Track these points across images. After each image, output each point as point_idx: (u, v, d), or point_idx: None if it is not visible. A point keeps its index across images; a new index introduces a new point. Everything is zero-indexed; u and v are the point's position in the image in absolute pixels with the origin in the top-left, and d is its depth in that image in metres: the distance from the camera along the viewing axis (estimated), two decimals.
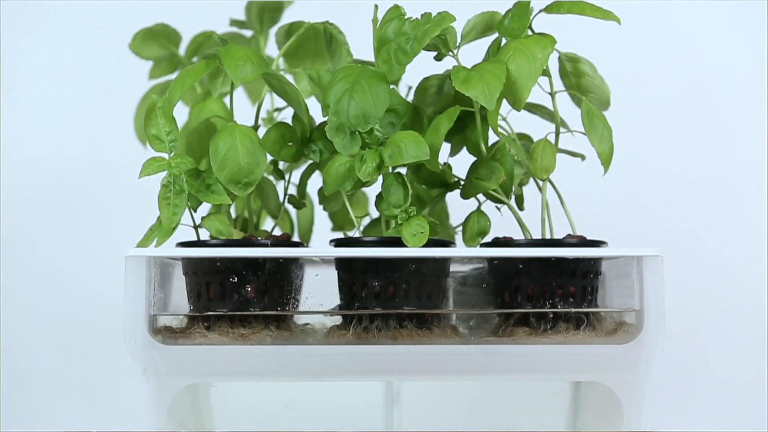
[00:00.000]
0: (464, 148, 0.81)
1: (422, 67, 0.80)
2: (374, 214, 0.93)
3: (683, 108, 1.16)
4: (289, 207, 0.90)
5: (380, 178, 0.75)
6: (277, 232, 0.85)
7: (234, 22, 0.95)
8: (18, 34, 1.17)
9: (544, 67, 0.75)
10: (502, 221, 0.82)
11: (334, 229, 0.92)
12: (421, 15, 0.74)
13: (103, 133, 1.16)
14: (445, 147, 0.80)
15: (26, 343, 1.13)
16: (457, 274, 0.86)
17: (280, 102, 0.93)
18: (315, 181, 0.85)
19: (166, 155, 0.74)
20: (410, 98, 0.82)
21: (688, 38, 1.17)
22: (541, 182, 0.79)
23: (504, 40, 0.77)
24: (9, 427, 1.12)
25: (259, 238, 0.76)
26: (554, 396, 0.88)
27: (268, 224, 0.93)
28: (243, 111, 0.86)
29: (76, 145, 1.17)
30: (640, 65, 1.17)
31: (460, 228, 0.81)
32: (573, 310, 0.74)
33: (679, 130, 1.15)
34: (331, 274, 0.76)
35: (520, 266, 0.74)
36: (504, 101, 0.75)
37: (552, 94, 0.80)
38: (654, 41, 1.17)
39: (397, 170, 0.75)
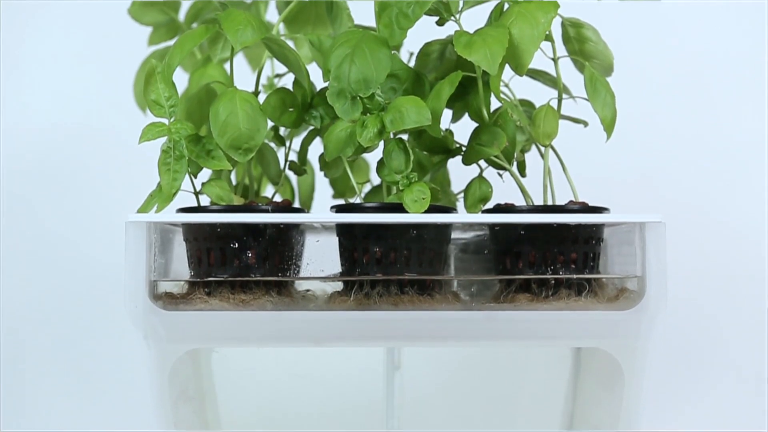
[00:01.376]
0: (466, 114, 0.80)
1: (424, 32, 0.79)
2: (375, 181, 0.93)
3: (687, 74, 1.15)
4: (290, 174, 0.90)
5: (381, 144, 0.75)
6: (278, 198, 0.85)
7: None
8: (17, 2, 1.17)
9: (547, 32, 0.74)
10: (503, 188, 0.82)
11: (335, 196, 0.92)
12: None
13: (102, 100, 1.16)
14: (447, 113, 0.80)
15: (26, 311, 1.13)
16: (458, 240, 0.86)
17: (280, 68, 0.93)
18: (316, 148, 0.84)
19: (165, 120, 0.74)
20: (412, 64, 0.81)
21: (694, 4, 1.16)
22: (543, 148, 0.78)
23: (507, 5, 0.76)
24: (7, 393, 1.13)
25: (260, 205, 0.76)
26: (555, 362, 0.88)
27: (268, 191, 0.93)
28: (243, 78, 0.85)
29: (75, 113, 1.16)
30: (644, 31, 1.16)
31: (462, 195, 0.80)
32: (575, 276, 0.74)
33: (682, 96, 1.15)
34: (332, 241, 0.76)
35: (522, 232, 0.74)
36: (506, 67, 0.75)
37: (555, 60, 0.79)
38: (659, 7, 1.16)
39: (399, 136, 0.75)
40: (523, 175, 0.81)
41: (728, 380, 1.12)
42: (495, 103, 0.78)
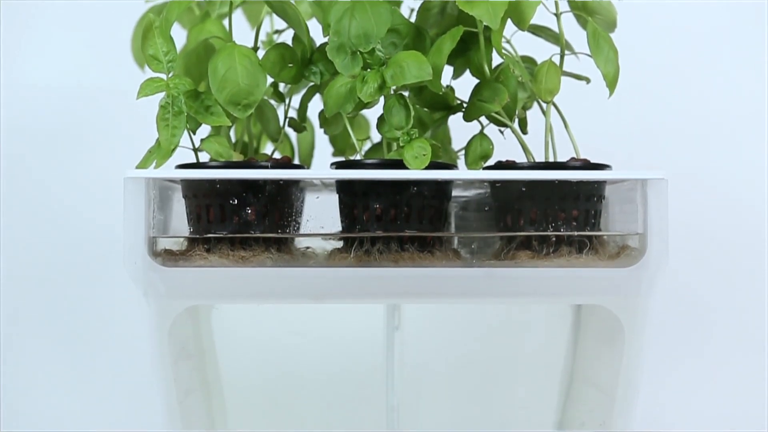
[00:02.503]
0: (467, 71, 0.80)
1: None
2: (375, 138, 0.92)
3: (692, 30, 1.14)
4: (290, 131, 0.89)
5: (381, 101, 0.74)
6: (278, 156, 0.85)
7: None
8: None
9: None
10: (504, 145, 0.81)
11: (335, 154, 0.91)
12: None
13: (100, 57, 1.14)
14: (448, 70, 0.79)
15: (25, 269, 1.12)
16: (459, 199, 0.86)
17: (279, 24, 0.92)
18: (315, 105, 0.84)
19: (164, 76, 0.73)
20: (413, 20, 0.80)
21: None
22: (544, 105, 0.78)
23: None
24: (6, 354, 1.13)
25: (260, 161, 0.76)
26: (555, 320, 0.88)
27: (268, 149, 0.92)
28: (242, 35, 0.84)
29: (73, 70, 1.15)
30: None
31: (463, 152, 0.80)
32: (576, 233, 0.73)
33: (686, 52, 1.13)
34: (332, 198, 0.76)
35: (523, 189, 0.73)
36: (508, 22, 0.74)
37: (557, 15, 0.78)
38: None
39: (399, 92, 0.74)
40: (524, 132, 0.80)
41: (728, 338, 1.12)
42: (496, 60, 0.78)
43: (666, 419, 1.11)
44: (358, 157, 0.79)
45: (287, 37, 0.84)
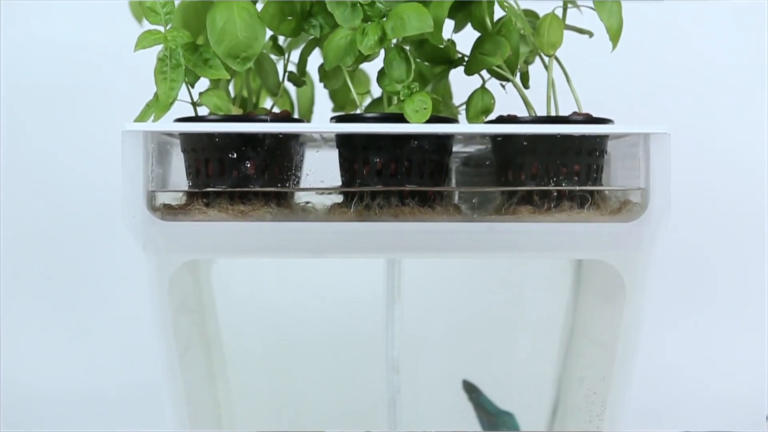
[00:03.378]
0: (468, 25, 0.79)
1: None
2: (376, 93, 0.91)
3: None
4: (289, 86, 0.88)
5: (382, 54, 0.74)
6: (277, 111, 0.84)
7: None
8: None
9: None
10: (506, 100, 0.80)
11: (335, 109, 0.90)
12: None
13: (97, 11, 1.13)
14: (449, 24, 0.78)
15: (25, 224, 1.12)
16: (460, 154, 0.85)
17: None
18: (315, 60, 0.83)
19: (161, 28, 0.73)
20: None
21: None
22: (547, 59, 0.77)
23: None
24: (6, 310, 1.13)
25: (259, 115, 0.75)
26: (556, 276, 0.87)
27: (267, 105, 0.92)
28: None
29: (70, 26, 1.14)
30: None
31: (464, 107, 0.79)
32: (577, 188, 0.73)
33: (690, 7, 1.12)
34: (332, 153, 0.75)
35: (524, 144, 0.73)
36: None
37: None
38: None
39: (400, 45, 0.73)
40: (526, 86, 0.79)
41: (729, 294, 1.12)
42: (498, 13, 0.77)
43: (665, 375, 1.11)
44: (358, 112, 0.78)
45: None
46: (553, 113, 0.76)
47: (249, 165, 0.71)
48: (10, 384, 1.12)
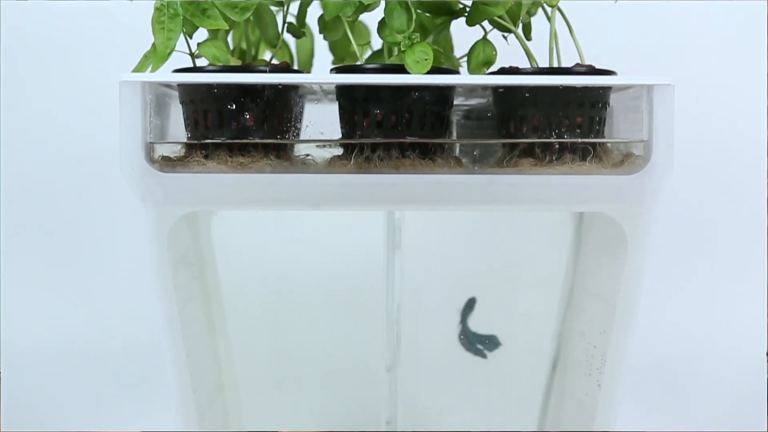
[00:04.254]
0: None
1: None
2: (376, 46, 0.90)
3: None
4: (289, 38, 0.87)
5: (382, 5, 0.72)
6: (276, 63, 0.83)
7: None
8: None
9: None
10: (508, 52, 0.79)
11: (335, 62, 0.89)
12: None
13: None
14: None
15: (23, 178, 1.12)
16: (461, 107, 0.84)
17: None
18: (315, 11, 0.82)
19: None
20: None
21: None
22: (549, 10, 0.76)
23: None
24: (6, 264, 1.12)
25: (258, 66, 0.74)
26: (557, 231, 0.87)
27: (266, 57, 0.91)
28: None
29: None
30: None
31: (465, 59, 0.78)
32: (579, 140, 0.72)
33: None
34: (332, 105, 0.74)
35: (526, 95, 0.72)
36: None
37: None
38: None
39: None
40: (528, 38, 0.78)
41: (731, 250, 1.12)
42: None
43: (666, 329, 1.11)
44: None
45: None
46: (555, 65, 0.76)
47: (248, 116, 0.71)
48: (11, 339, 1.12)
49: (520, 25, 0.76)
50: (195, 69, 0.72)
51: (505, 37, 0.78)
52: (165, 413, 0.88)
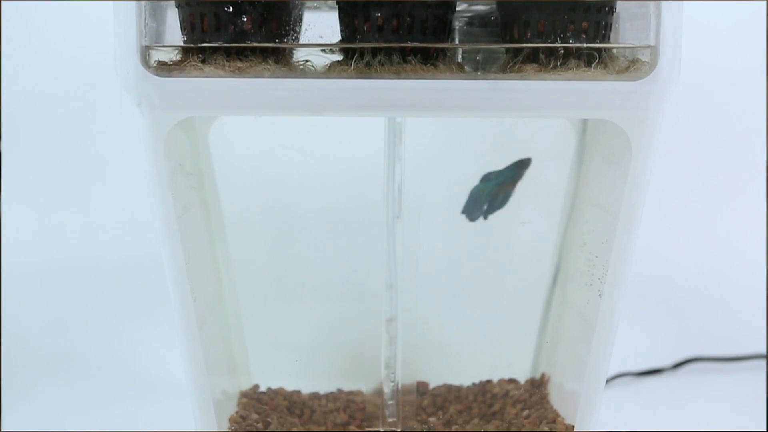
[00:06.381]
0: None
1: None
2: None
3: None
4: None
5: None
6: None
7: None
8: None
9: None
10: None
11: None
12: None
13: None
14: None
15: (22, 82, 1.10)
16: (464, 14, 0.82)
17: None
18: None
19: None
20: None
21: None
22: None
23: None
24: (5, 174, 1.12)
25: None
26: (559, 141, 0.86)
27: None
28: None
29: None
30: None
31: None
32: (585, 45, 0.70)
33: None
34: (332, 12, 0.73)
35: None
36: None
37: None
38: None
39: None
40: None
41: (731, 166, 1.11)
42: None
43: (667, 239, 1.11)
44: None
45: None
46: None
47: (245, 20, 0.69)
48: (12, 251, 1.11)
49: None
50: None
51: None
52: (166, 326, 0.88)
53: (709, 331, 1.12)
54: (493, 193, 0.84)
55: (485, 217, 0.86)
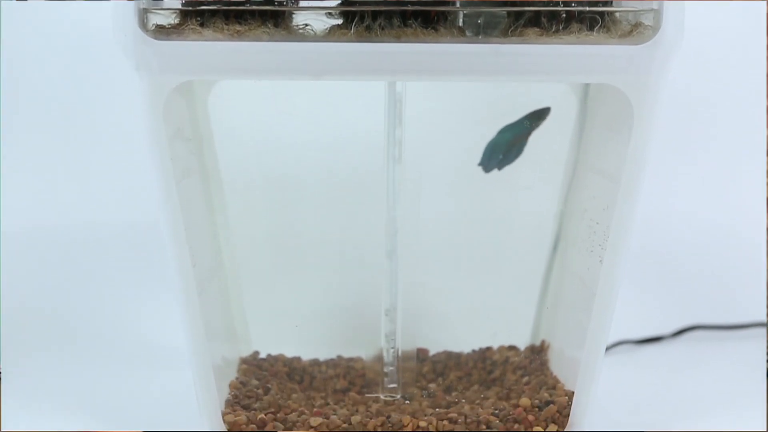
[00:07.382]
0: None
1: None
2: None
3: None
4: None
5: None
6: None
7: None
8: None
9: None
10: None
11: None
12: None
13: None
14: None
15: (20, 53, 1.10)
16: None
17: None
18: None
19: None
20: None
21: None
22: None
23: None
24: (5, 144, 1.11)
25: None
26: (561, 108, 0.85)
27: None
28: None
29: None
30: None
31: None
32: (587, 8, 0.70)
33: None
34: None
35: None
36: None
37: None
38: None
39: None
40: None
41: (735, 127, 1.10)
42: None
43: (668, 206, 1.11)
44: None
45: None
46: None
47: None
48: (9, 218, 1.11)
49: None
50: None
51: None
52: (166, 293, 0.87)
53: (709, 299, 1.12)
54: (510, 143, 0.83)
55: (500, 168, 0.85)
